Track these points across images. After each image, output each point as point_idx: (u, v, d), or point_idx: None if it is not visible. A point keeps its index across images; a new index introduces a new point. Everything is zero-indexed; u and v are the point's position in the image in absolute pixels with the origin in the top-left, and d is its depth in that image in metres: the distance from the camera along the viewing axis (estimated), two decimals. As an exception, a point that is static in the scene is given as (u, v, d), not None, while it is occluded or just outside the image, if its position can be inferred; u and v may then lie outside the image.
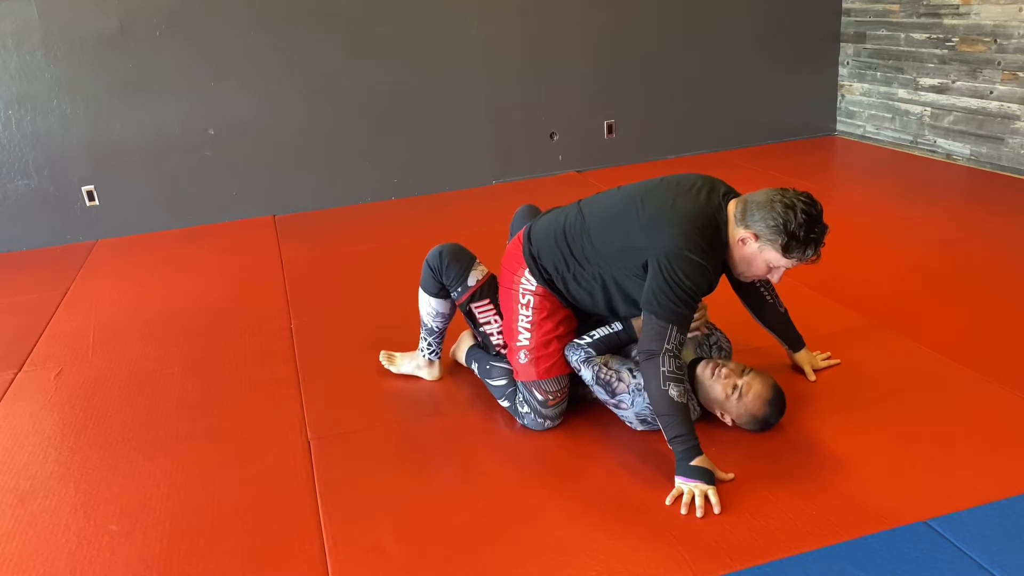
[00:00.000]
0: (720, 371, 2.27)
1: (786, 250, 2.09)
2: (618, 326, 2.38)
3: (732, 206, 2.18)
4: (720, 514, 1.98)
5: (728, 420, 2.30)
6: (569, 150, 5.49)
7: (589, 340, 2.37)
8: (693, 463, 2.06)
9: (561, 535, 1.97)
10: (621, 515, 2.03)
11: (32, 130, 4.61)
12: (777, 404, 2.26)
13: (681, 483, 2.06)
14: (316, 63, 4.90)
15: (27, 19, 4.44)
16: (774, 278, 2.21)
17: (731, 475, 2.12)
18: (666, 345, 2.10)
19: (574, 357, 2.36)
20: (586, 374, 2.34)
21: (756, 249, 2.13)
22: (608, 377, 2.30)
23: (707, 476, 2.05)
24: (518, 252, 2.44)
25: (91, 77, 4.60)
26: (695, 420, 2.27)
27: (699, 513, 1.98)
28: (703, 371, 2.31)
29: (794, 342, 2.63)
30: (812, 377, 2.60)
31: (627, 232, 2.22)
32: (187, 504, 2.22)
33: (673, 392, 2.09)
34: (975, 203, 4.28)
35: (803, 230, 2.06)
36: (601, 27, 5.30)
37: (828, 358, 2.68)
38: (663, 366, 2.10)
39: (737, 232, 2.15)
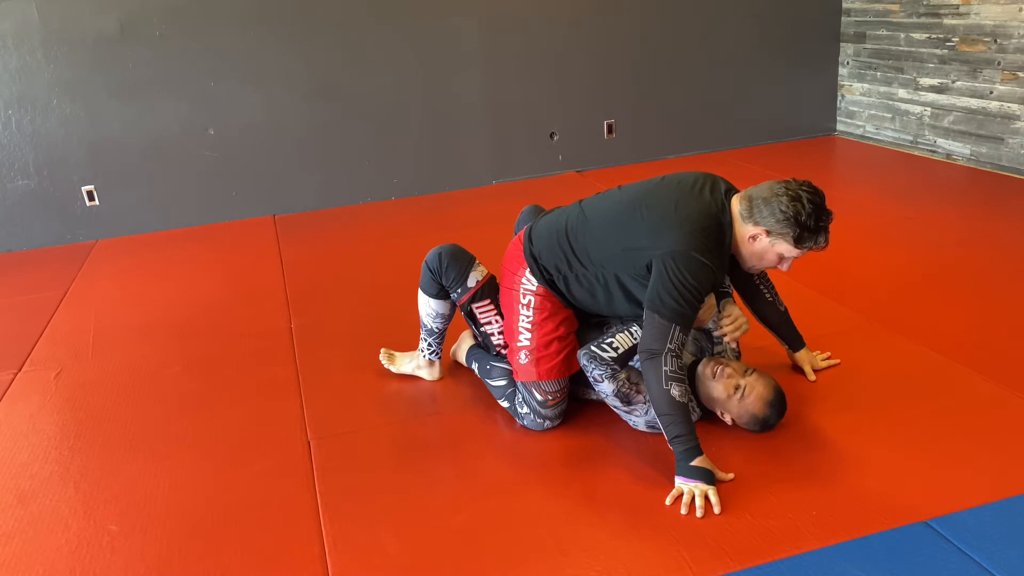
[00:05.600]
0: (723, 371, 2.27)
1: (798, 241, 2.12)
2: (639, 332, 2.27)
3: (735, 203, 2.18)
4: (720, 514, 1.98)
5: (728, 419, 2.30)
6: (569, 150, 5.49)
7: (614, 355, 2.25)
8: (693, 463, 2.06)
9: (561, 535, 1.97)
10: (621, 515, 2.03)
11: (32, 130, 4.61)
12: (778, 405, 2.26)
13: (681, 483, 2.06)
14: (316, 63, 4.90)
15: (27, 19, 4.44)
16: (784, 267, 2.22)
17: (731, 475, 2.12)
18: (668, 344, 2.10)
19: (597, 371, 2.25)
20: (607, 387, 2.27)
21: (768, 244, 2.15)
22: (628, 390, 2.29)
23: (707, 476, 2.05)
24: (519, 252, 2.44)
25: (91, 77, 4.60)
26: (696, 421, 2.28)
27: (699, 513, 1.98)
28: (704, 369, 2.30)
29: (794, 342, 2.63)
30: (812, 377, 2.60)
31: (630, 233, 2.22)
32: (187, 504, 2.22)
33: (675, 392, 2.09)
34: (975, 203, 4.28)
35: (812, 219, 2.10)
36: (601, 27, 5.30)
37: (828, 358, 2.68)
38: (665, 365, 2.09)
39: (746, 230, 2.16)
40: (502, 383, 2.50)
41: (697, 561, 1.84)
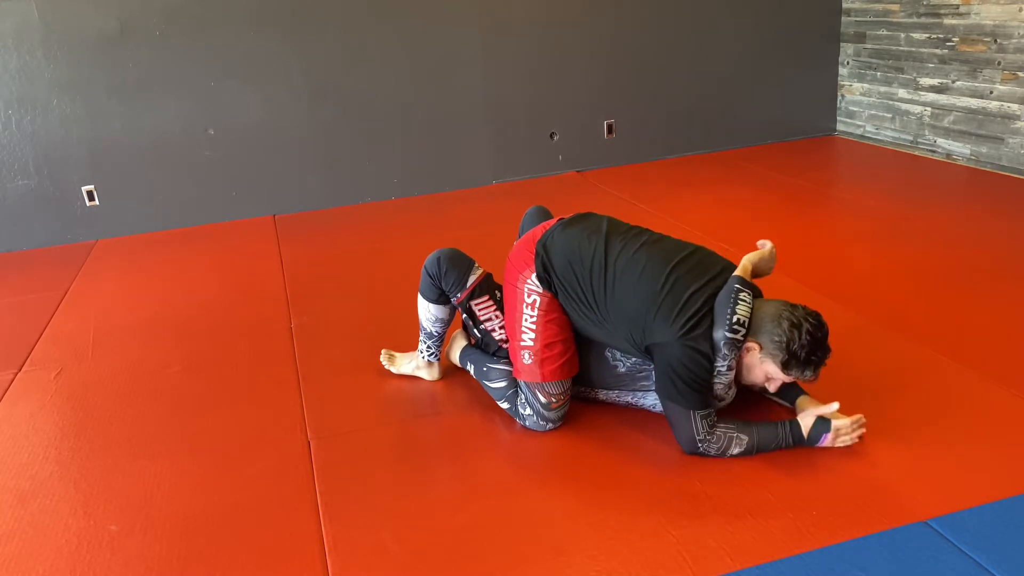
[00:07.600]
0: None
1: (785, 367, 2.15)
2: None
3: None
4: (720, 514, 1.99)
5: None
6: (569, 150, 5.49)
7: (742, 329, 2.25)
8: (806, 433, 2.18)
9: (561, 535, 1.97)
10: (621, 515, 2.03)
11: (32, 130, 4.61)
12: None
13: (824, 444, 2.19)
14: (316, 63, 4.90)
15: (27, 19, 4.44)
16: (771, 388, 2.24)
17: (835, 404, 2.19)
18: (697, 431, 2.17)
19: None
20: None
21: (757, 360, 2.18)
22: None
23: (823, 426, 2.17)
24: (529, 257, 2.41)
25: (91, 77, 4.61)
26: (727, 404, 2.31)
27: (856, 437, 2.19)
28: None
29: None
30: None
31: (644, 315, 2.22)
32: (187, 504, 2.22)
33: (735, 451, 2.19)
34: (975, 203, 4.28)
35: (805, 351, 2.11)
36: (601, 27, 5.30)
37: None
38: (713, 449, 2.19)
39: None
40: (501, 384, 2.49)
41: (697, 561, 1.84)
